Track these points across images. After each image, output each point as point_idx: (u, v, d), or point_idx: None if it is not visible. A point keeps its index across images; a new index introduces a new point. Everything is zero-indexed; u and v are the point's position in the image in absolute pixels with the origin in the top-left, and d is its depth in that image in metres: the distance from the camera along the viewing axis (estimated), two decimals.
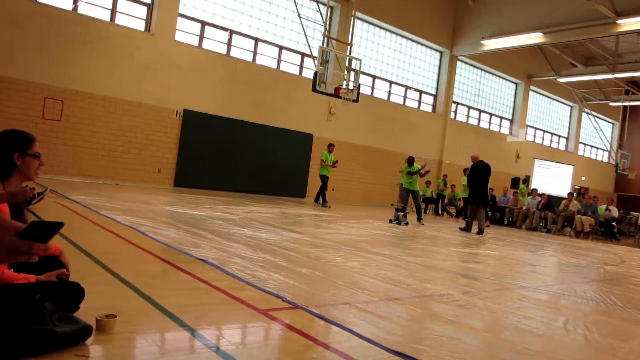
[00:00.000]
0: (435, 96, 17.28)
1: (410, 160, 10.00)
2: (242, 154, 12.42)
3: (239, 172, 12.32)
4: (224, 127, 12.01)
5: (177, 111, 11.34)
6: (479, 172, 9.17)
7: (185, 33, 11.20)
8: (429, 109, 17.26)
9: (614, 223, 11.69)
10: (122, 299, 2.23)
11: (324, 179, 11.23)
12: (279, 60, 13.12)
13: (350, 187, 14.81)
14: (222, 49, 12.14)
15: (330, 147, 11.47)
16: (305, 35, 11.59)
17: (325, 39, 11.15)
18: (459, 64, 17.68)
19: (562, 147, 22.59)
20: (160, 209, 6.18)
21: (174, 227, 4.64)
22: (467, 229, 9.32)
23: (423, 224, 9.42)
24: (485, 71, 18.68)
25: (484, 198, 8.88)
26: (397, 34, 15.98)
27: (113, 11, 9.95)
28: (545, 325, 2.65)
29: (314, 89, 10.35)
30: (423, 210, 13.11)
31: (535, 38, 14.53)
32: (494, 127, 19.58)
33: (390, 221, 8.96)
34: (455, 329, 2.35)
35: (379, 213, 11.62)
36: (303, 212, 9.15)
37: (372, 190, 15.38)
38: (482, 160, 9.11)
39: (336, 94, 10.82)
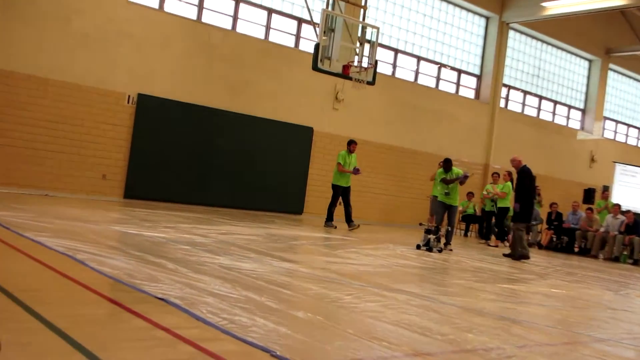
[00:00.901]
0: (479, 77, 17.23)
1: (447, 164, 10.03)
2: (218, 155, 12.38)
3: (213, 179, 12.33)
4: (193, 118, 11.99)
5: (129, 96, 11.26)
6: (529, 181, 9.44)
7: None
8: (470, 94, 17.23)
9: None
10: (53, 355, 2.19)
11: (336, 190, 11.10)
12: (268, 27, 13.01)
13: (365, 200, 14.83)
14: (191, 13, 12.04)
15: (351, 145, 11.14)
16: None
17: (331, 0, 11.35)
18: (511, 33, 17.49)
19: None
20: (104, 229, 6.29)
21: (123, 255, 4.69)
22: (518, 255, 9.60)
23: (451, 250, 9.67)
24: (548, 44, 18.50)
25: (531, 214, 9.66)
26: None
27: None
28: None
29: (315, 67, 10.33)
30: (464, 233, 13.20)
31: None
32: (560, 120, 19.46)
33: (419, 247, 9.09)
34: None
35: (403, 236, 11.66)
36: (300, 233, 9.30)
37: (393, 205, 15.44)
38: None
39: (345, 73, 10.80)
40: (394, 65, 15.70)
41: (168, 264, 4.50)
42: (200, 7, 12.40)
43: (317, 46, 10.39)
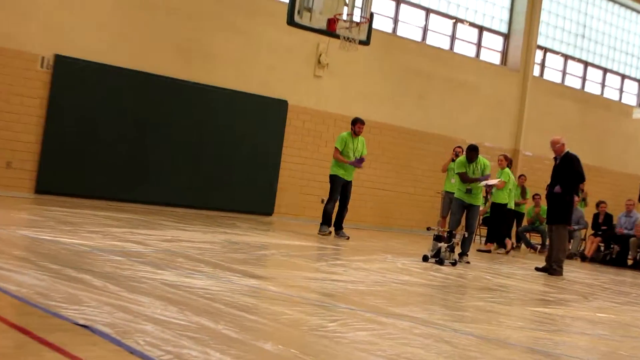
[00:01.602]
0: (506, 37, 17.48)
1: (472, 153, 10.01)
2: (162, 138, 12.54)
3: (154, 170, 12.48)
4: (129, 88, 12.09)
5: (42, 58, 11.31)
6: (578, 170, 9.72)
7: None
8: (495, 58, 17.48)
9: None
10: None
11: (335, 182, 11.21)
12: None
13: (356, 197, 14.81)
14: None
15: (357, 125, 11.03)
16: None
17: None
18: None
19: None
20: (9, 234, 6.27)
21: (35, 268, 4.69)
22: (553, 268, 9.85)
23: (468, 262, 9.81)
24: None
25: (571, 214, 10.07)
26: None
27: None
28: None
29: (291, 22, 10.39)
30: (485, 240, 13.43)
31: None
32: (611, 93, 19.74)
33: (426, 258, 9.06)
34: None
35: (405, 244, 11.84)
36: (270, 240, 9.49)
37: (393, 204, 15.76)
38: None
39: (331, 30, 10.85)
40: (395, 20, 15.72)
41: (94, 280, 4.52)
42: None
43: None
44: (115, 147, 12.18)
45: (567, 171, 9.72)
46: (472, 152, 9.91)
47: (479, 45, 17.18)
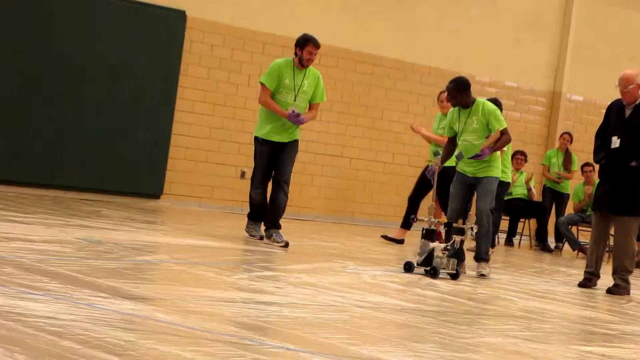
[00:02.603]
0: None
1: (457, 92, 9.86)
2: None
3: None
4: None
5: None
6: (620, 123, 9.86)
7: None
8: None
9: None
10: None
11: (261, 146, 10.95)
12: None
13: (300, 171, 14.70)
14: None
15: (307, 49, 10.54)
16: None
17: None
18: None
19: None
20: None
21: None
22: (616, 284, 9.81)
23: (484, 274, 9.71)
24: None
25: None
26: None
27: None
28: None
29: None
30: (506, 236, 13.17)
31: None
32: None
33: (410, 267, 9.09)
34: None
35: (375, 244, 12.30)
36: (157, 238, 9.71)
37: (359, 182, 16.16)
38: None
39: None
40: None
41: None
42: None
43: None
44: None
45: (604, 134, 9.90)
46: (458, 91, 9.71)
47: None
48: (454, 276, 8.98)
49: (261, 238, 10.50)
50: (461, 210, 9.79)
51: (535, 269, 12.11)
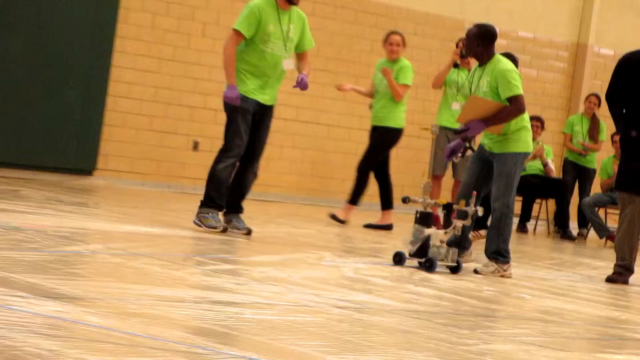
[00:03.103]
0: None
1: (506, 67, 10.00)
2: None
3: None
4: None
5: None
6: None
7: None
8: None
9: None
10: None
11: (237, 108, 10.90)
12: None
13: (268, 148, 14.64)
14: None
15: None
16: None
17: None
18: None
19: None
20: None
21: None
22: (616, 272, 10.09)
23: (500, 270, 9.69)
24: None
25: None
26: None
27: None
28: None
29: None
30: (519, 220, 13.23)
31: None
32: None
33: (401, 259, 9.13)
34: None
35: (358, 231, 12.35)
36: (89, 225, 9.76)
37: (337, 154, 16.33)
38: None
39: None
40: None
41: None
42: None
43: None
44: None
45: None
46: (476, 38, 9.78)
47: None
48: (455, 269, 9.02)
49: (225, 230, 10.38)
50: (473, 187, 9.80)
51: (554, 260, 12.18)
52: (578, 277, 10.65)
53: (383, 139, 13.30)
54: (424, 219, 9.02)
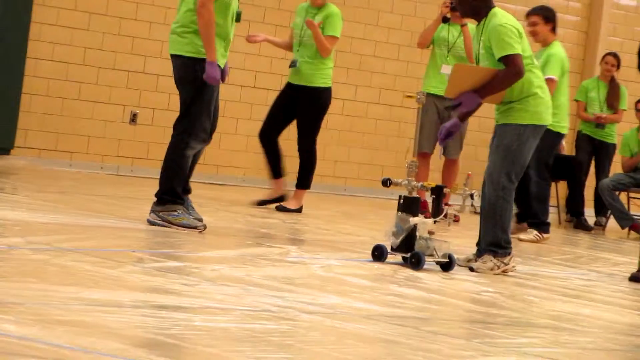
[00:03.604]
0: None
1: (500, 21, 10.07)
2: None
3: None
4: None
5: None
6: None
7: None
8: None
9: None
10: None
11: (204, 88, 10.77)
12: None
13: (220, 120, 14.69)
14: None
15: None
16: None
17: None
18: None
19: None
20: None
21: None
22: None
23: (473, 269, 9.82)
24: None
25: None
26: None
27: None
28: None
29: None
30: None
31: None
32: None
33: (381, 253, 9.21)
34: None
35: (329, 220, 12.66)
36: (7, 214, 9.80)
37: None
38: None
39: None
40: None
41: None
42: None
43: None
44: None
45: None
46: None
47: None
48: (447, 266, 9.04)
49: (205, 227, 10.31)
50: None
51: (566, 255, 12.22)
52: (595, 275, 10.70)
53: (315, 103, 13.34)
54: (409, 206, 9.03)
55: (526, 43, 9.76)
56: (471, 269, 9.60)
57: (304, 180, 13.31)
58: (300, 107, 13.13)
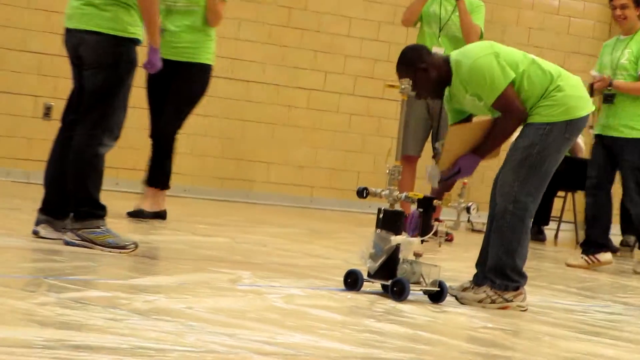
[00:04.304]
0: None
1: None
2: None
3: None
4: None
5: None
6: None
7: None
8: None
9: None
10: None
11: (127, 75, 10.86)
12: None
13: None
14: None
15: None
16: None
17: None
18: None
19: None
20: None
21: None
22: None
23: (458, 298, 9.83)
24: None
25: None
26: None
27: None
28: None
29: None
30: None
31: None
32: None
33: (354, 281, 9.26)
34: None
35: (292, 238, 12.86)
36: None
37: (260, 132, 16.62)
38: None
39: None
40: None
41: None
42: None
43: None
44: None
45: None
46: None
47: None
48: (437, 296, 9.04)
49: (137, 246, 10.51)
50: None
51: (586, 283, 12.31)
52: (621, 308, 10.75)
53: (196, 83, 13.44)
54: (391, 222, 9.03)
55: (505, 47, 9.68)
56: (456, 298, 9.50)
57: (164, 178, 13.31)
58: (180, 85, 13.22)
